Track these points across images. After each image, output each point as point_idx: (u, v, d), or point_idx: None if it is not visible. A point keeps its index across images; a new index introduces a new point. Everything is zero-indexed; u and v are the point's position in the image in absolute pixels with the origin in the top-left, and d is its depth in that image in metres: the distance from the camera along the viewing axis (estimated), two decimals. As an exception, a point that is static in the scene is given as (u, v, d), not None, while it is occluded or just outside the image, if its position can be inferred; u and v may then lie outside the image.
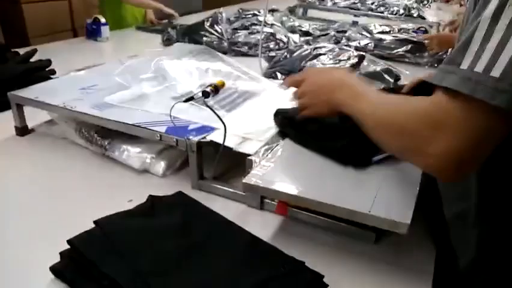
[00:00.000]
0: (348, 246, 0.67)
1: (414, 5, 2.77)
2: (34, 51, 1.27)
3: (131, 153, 0.86)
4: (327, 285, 0.57)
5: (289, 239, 0.69)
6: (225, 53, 1.83)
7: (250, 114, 0.88)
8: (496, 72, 0.44)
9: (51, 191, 0.81)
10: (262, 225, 0.72)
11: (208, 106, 0.72)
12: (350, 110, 0.65)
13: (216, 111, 0.84)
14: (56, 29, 2.99)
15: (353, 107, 0.65)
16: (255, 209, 0.76)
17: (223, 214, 0.71)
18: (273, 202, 0.73)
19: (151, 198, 0.70)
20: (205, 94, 0.74)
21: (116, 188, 0.82)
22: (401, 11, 2.67)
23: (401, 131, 0.55)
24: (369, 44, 1.84)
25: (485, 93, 0.45)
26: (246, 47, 1.81)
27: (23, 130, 1.00)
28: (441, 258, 0.67)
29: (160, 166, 0.85)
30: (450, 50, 1.69)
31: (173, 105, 0.78)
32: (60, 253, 0.59)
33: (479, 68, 0.45)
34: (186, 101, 0.77)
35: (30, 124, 1.03)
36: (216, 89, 0.76)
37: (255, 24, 1.93)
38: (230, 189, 0.78)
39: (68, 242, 0.58)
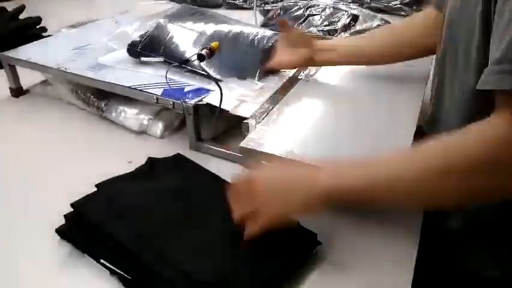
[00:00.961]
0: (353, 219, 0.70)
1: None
2: (22, 7, 1.23)
3: (129, 115, 0.87)
4: (320, 243, 0.60)
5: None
6: (219, 6, 1.80)
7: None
8: None
9: (50, 153, 0.82)
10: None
11: (203, 69, 0.72)
12: (357, 186, 0.49)
13: (213, 74, 0.84)
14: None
15: (360, 181, 0.49)
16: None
17: (220, 175, 0.74)
18: (269, 164, 0.75)
19: (150, 160, 0.72)
20: (201, 57, 0.73)
21: (115, 149, 0.84)
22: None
23: (469, 170, 0.44)
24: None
25: None
26: (241, 0, 1.77)
27: (17, 91, 1.00)
28: (429, 217, 0.70)
29: (158, 127, 0.86)
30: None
31: (168, 68, 0.78)
32: (65, 216, 0.61)
33: None
34: (181, 63, 0.77)
35: (24, 84, 1.02)
36: (211, 51, 0.75)
37: (250, -25, 1.86)
38: (227, 151, 0.79)
39: (72, 205, 0.60)
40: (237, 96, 0.81)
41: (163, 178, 0.68)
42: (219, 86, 0.74)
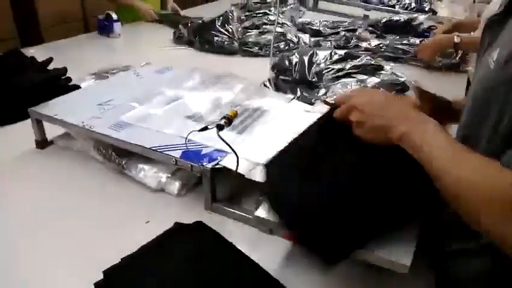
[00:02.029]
0: (354, 273, 0.72)
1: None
2: (50, 59, 1.31)
3: (148, 173, 0.90)
4: None
5: (298, 264, 0.73)
6: (235, 52, 1.86)
7: (261, 137, 0.91)
8: None
9: (72, 209, 0.86)
10: (271, 250, 0.76)
11: (221, 139, 0.76)
12: (417, 152, 0.56)
13: (228, 132, 0.88)
14: (67, 19, 3.01)
15: (422, 151, 0.56)
16: (265, 233, 0.80)
17: (234, 237, 0.76)
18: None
19: (175, 226, 0.74)
20: (219, 127, 0.77)
21: (133, 207, 0.87)
22: (413, 5, 2.66)
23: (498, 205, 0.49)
24: (380, 45, 1.85)
25: None
26: (257, 48, 1.83)
27: (42, 143, 1.05)
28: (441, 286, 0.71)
29: (175, 186, 0.89)
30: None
31: (188, 134, 0.82)
32: (95, 284, 0.63)
33: None
34: (201, 130, 0.81)
35: (49, 135, 1.07)
36: (230, 121, 0.79)
37: (266, 24, 1.93)
38: (241, 213, 0.82)
39: (104, 273, 0.63)
40: (253, 159, 0.84)
41: (181, 250, 0.70)
42: (235, 153, 0.77)
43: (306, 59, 1.35)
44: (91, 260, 0.73)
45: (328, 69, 1.31)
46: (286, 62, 1.36)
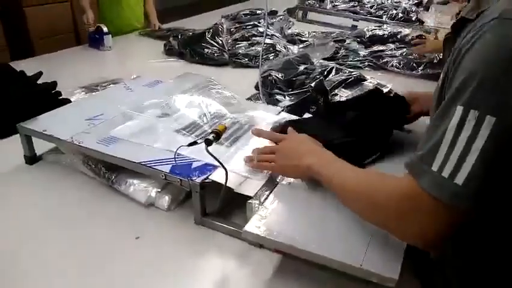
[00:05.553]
0: (343, 285, 0.72)
1: (413, 8, 2.78)
2: (40, 73, 1.31)
3: (137, 188, 0.90)
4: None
5: (288, 278, 0.73)
6: (225, 64, 1.87)
7: (251, 150, 0.91)
8: (459, 179, 0.51)
9: (61, 225, 0.86)
10: (261, 264, 0.76)
11: (210, 154, 0.76)
12: (319, 175, 0.73)
13: (218, 146, 0.88)
14: (58, 32, 3.00)
15: (321, 172, 0.72)
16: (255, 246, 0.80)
17: (223, 250, 0.77)
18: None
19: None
20: (208, 142, 0.78)
21: (123, 222, 0.87)
22: (400, 15, 2.69)
23: (374, 207, 0.62)
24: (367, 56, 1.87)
25: (451, 198, 0.52)
26: (246, 59, 1.84)
27: (31, 159, 1.04)
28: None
29: (165, 200, 0.89)
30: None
31: (177, 149, 0.82)
32: None
33: (446, 173, 0.52)
34: (190, 145, 0.81)
35: (38, 150, 1.06)
36: (218, 135, 0.80)
37: (255, 35, 1.95)
38: (231, 227, 0.82)
39: None
40: (242, 173, 0.84)
41: None
42: (224, 168, 0.78)
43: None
44: (78, 276, 0.72)
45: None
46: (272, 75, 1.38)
